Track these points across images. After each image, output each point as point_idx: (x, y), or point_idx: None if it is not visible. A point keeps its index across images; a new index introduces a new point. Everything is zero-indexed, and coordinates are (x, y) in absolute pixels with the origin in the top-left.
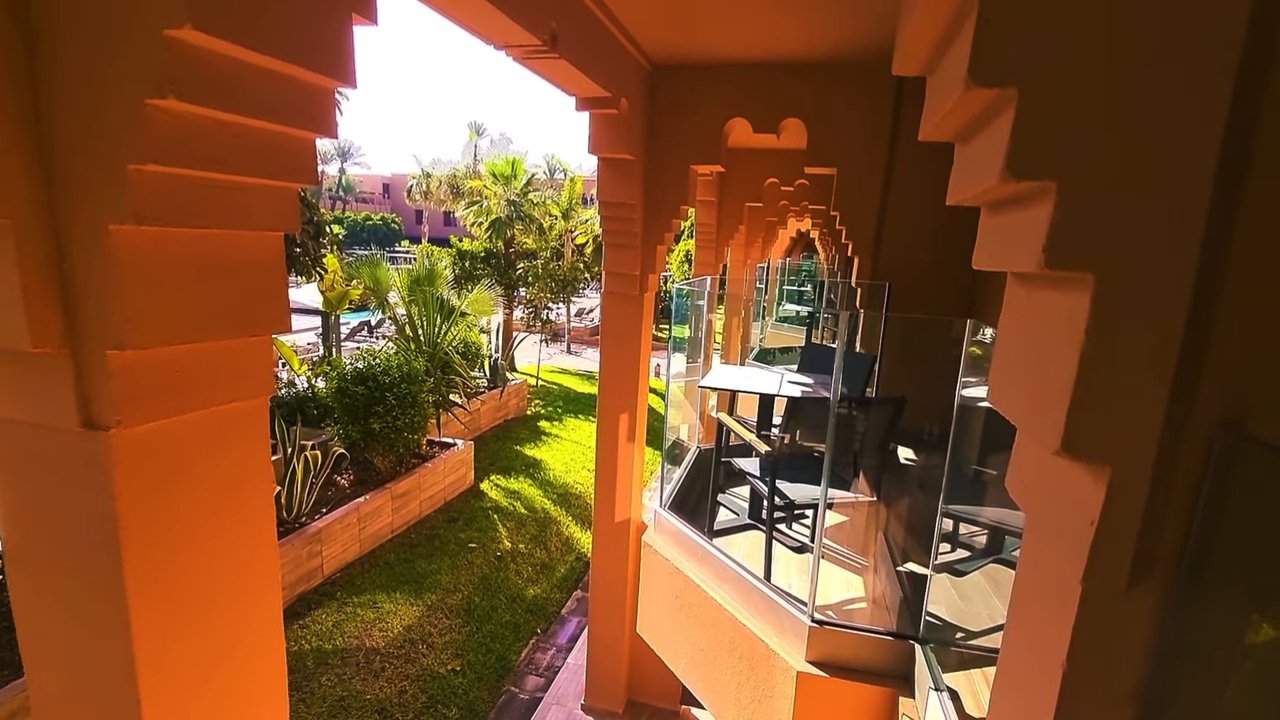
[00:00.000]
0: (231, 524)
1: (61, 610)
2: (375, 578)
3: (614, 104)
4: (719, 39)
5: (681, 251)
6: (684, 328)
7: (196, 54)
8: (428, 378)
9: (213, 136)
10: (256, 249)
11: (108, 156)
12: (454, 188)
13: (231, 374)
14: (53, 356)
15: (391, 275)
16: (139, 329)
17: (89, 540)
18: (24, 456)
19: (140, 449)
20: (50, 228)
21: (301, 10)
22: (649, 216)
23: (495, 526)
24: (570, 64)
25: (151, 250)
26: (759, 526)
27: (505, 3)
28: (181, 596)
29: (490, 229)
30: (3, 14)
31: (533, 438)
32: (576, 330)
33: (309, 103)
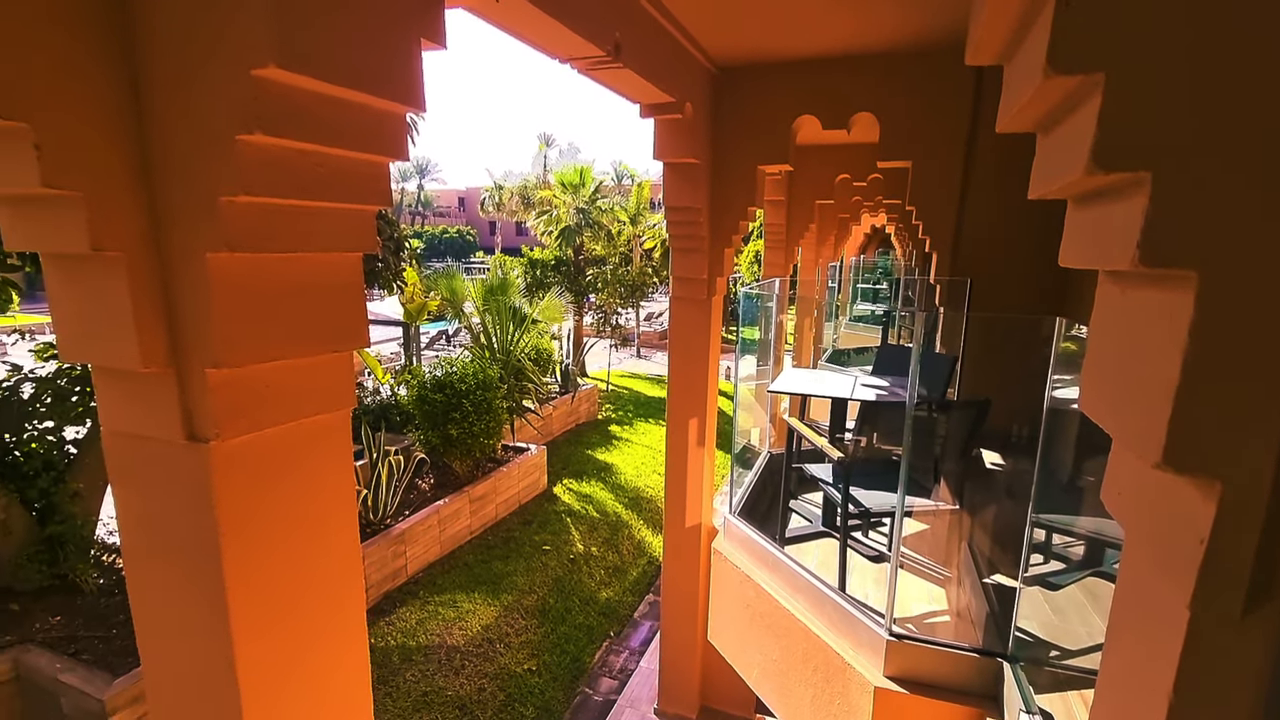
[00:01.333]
0: (318, 527)
1: (170, 605)
2: (455, 578)
3: (678, 109)
4: (784, 38)
5: (751, 252)
6: (753, 329)
7: (280, 90)
8: (502, 384)
9: (295, 166)
10: (337, 270)
11: (203, 190)
12: (525, 198)
13: (316, 388)
14: (159, 375)
15: (467, 286)
16: (234, 348)
17: (193, 542)
18: (136, 467)
19: (236, 459)
20: (156, 258)
21: (374, 42)
22: (716, 219)
23: (568, 529)
24: (634, 72)
25: (243, 275)
26: (833, 534)
27: (569, 16)
28: (274, 593)
29: (560, 237)
30: (115, 73)
31: (604, 442)
32: (646, 334)
33: (382, 129)
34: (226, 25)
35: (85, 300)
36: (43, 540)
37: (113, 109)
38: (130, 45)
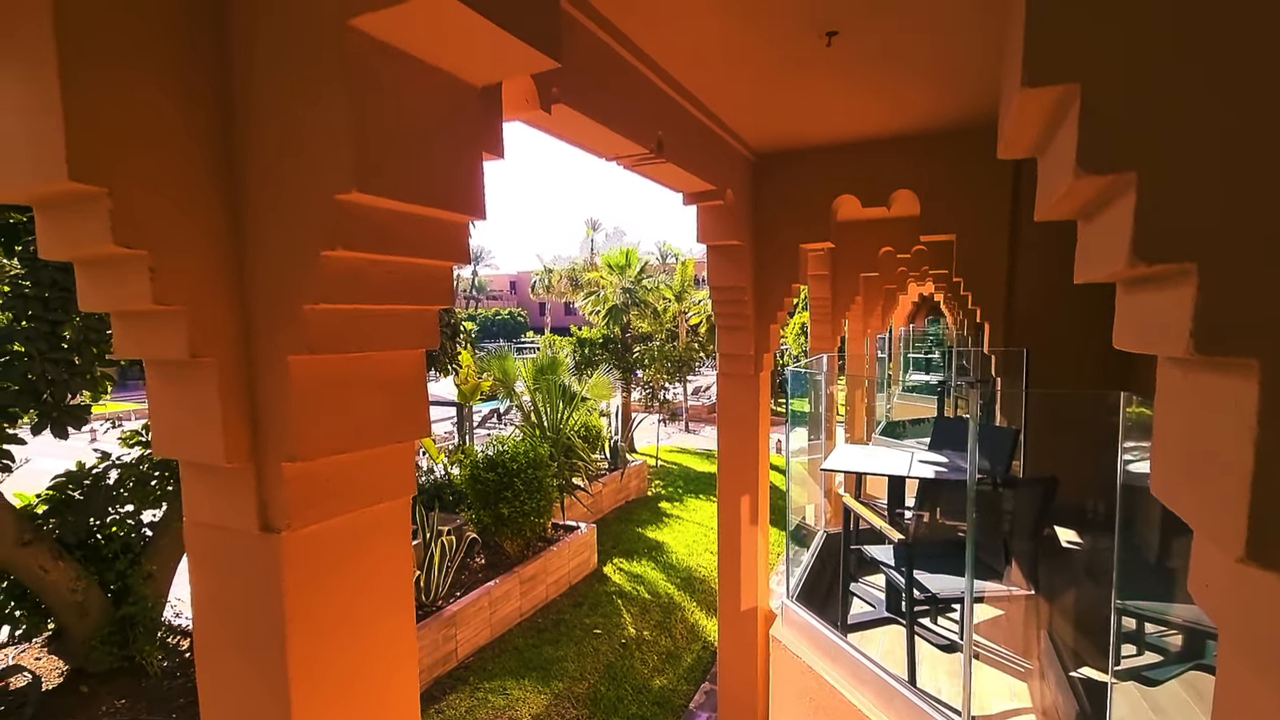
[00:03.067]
0: (378, 612)
1: (235, 689)
2: (505, 663)
3: (720, 195)
4: (819, 126)
5: (796, 324)
6: (803, 401)
7: (359, 211)
8: (552, 462)
9: (369, 274)
10: (402, 365)
11: (289, 299)
12: (573, 280)
13: (380, 478)
14: (240, 470)
15: (518, 366)
16: (308, 443)
17: (260, 630)
18: (213, 555)
19: (305, 548)
20: (244, 361)
21: (441, 161)
22: (760, 297)
23: (619, 612)
24: (677, 166)
25: (319, 374)
26: (898, 621)
27: (614, 121)
28: (333, 679)
29: (607, 316)
30: (221, 206)
31: (654, 519)
32: (694, 408)
33: (447, 237)
34: (315, 157)
35: (180, 401)
36: (115, 622)
37: (218, 236)
38: (235, 182)
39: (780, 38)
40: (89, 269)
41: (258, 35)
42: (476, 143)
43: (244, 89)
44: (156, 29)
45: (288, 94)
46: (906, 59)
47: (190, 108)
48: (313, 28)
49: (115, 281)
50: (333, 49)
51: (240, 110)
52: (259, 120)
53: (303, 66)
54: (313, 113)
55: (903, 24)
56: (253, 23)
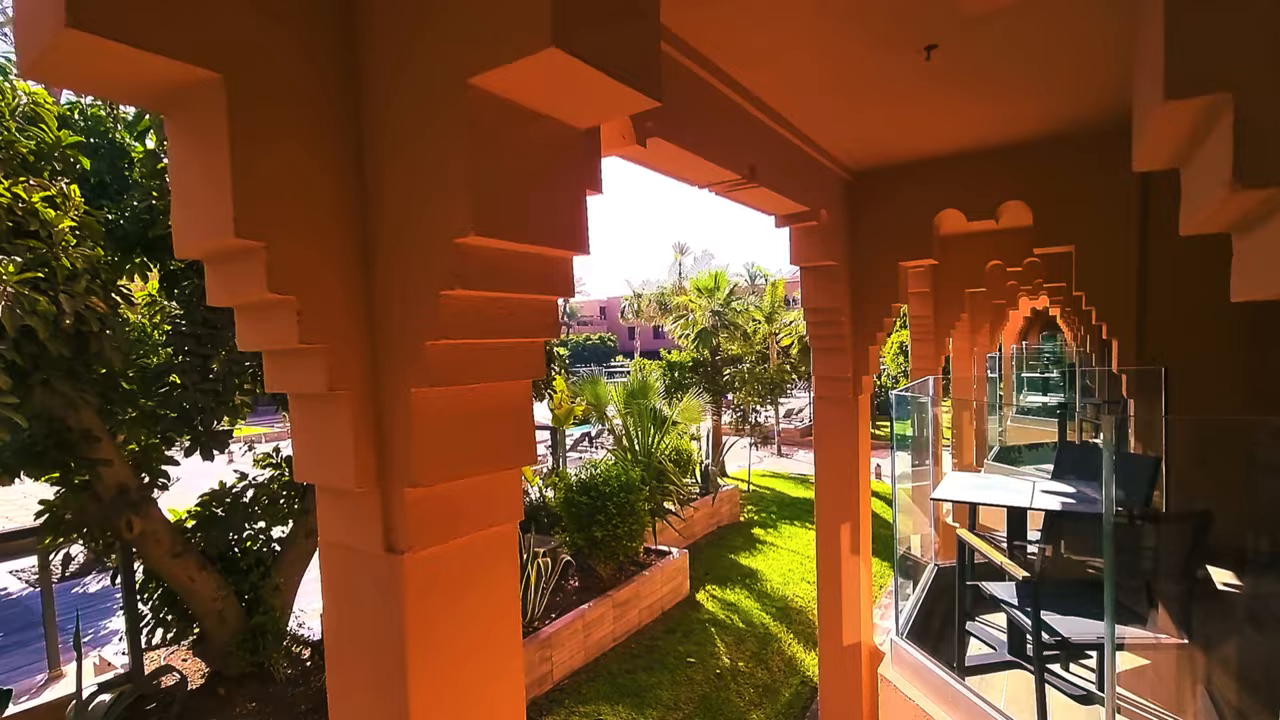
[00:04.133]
0: (490, 632)
1: (360, 698)
2: (599, 688)
3: (813, 216)
4: (919, 141)
5: (894, 344)
6: (905, 425)
7: (475, 252)
8: (643, 486)
9: (483, 310)
10: (511, 396)
11: (412, 336)
12: (662, 304)
13: (492, 503)
14: (367, 494)
15: (609, 391)
16: (427, 469)
17: (383, 644)
18: (343, 573)
19: (424, 569)
20: (373, 394)
21: (548, 201)
22: (857, 318)
23: (713, 641)
24: (769, 190)
25: (437, 405)
26: (1024, 666)
27: (708, 150)
28: (448, 694)
29: (697, 339)
30: (355, 253)
31: (747, 546)
32: (786, 432)
33: (553, 272)
34: (437, 205)
35: (318, 430)
36: (248, 630)
37: (352, 281)
38: (366, 232)
39: (875, 57)
40: (246, 313)
41: (387, 98)
42: (579, 181)
43: (375, 147)
44: (308, 98)
45: (412, 149)
46: (1013, 67)
47: (332, 167)
48: (435, 88)
49: (268, 324)
50: (453, 106)
51: (371, 166)
52: (387, 175)
53: (426, 123)
54: (434, 165)
55: (1008, 32)
56: (384, 87)
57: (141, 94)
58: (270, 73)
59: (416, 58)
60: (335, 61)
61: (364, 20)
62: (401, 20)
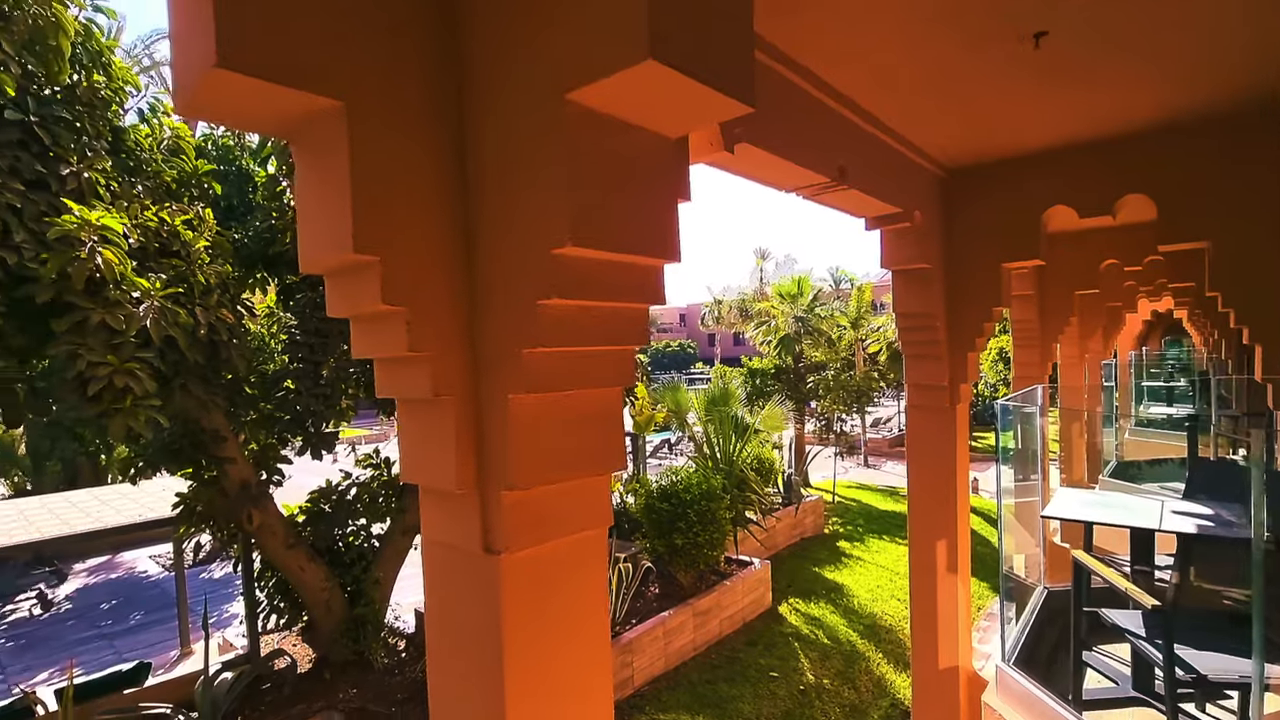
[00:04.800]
0: (580, 633)
1: (459, 691)
2: (679, 697)
3: (906, 218)
4: (1024, 134)
5: (994, 350)
6: (1009, 435)
7: (571, 262)
8: (724, 495)
9: (577, 319)
10: (602, 403)
11: (510, 344)
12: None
13: (583, 507)
14: (467, 496)
15: (690, 398)
16: (524, 473)
17: (481, 640)
18: (444, 571)
19: (519, 570)
20: (473, 399)
21: (642, 211)
22: (954, 324)
23: (797, 655)
24: (860, 191)
25: (532, 411)
26: (1151, 703)
27: (796, 154)
28: (542, 691)
29: (779, 346)
30: (460, 267)
31: (832, 559)
32: (874, 441)
33: (645, 281)
34: (535, 217)
35: (422, 434)
36: (350, 620)
37: (455, 292)
38: (468, 244)
39: (976, 48)
40: (361, 324)
41: (489, 116)
42: (670, 190)
43: (477, 163)
44: (417, 120)
45: (512, 164)
46: (1134, 51)
47: (438, 183)
48: (534, 105)
49: (380, 334)
50: (550, 121)
51: (474, 182)
52: (488, 190)
53: (525, 139)
54: (533, 179)
55: (1130, 11)
56: (485, 106)
57: (274, 124)
58: (385, 98)
59: (516, 77)
60: (441, 85)
61: (467, 45)
62: (501, 42)
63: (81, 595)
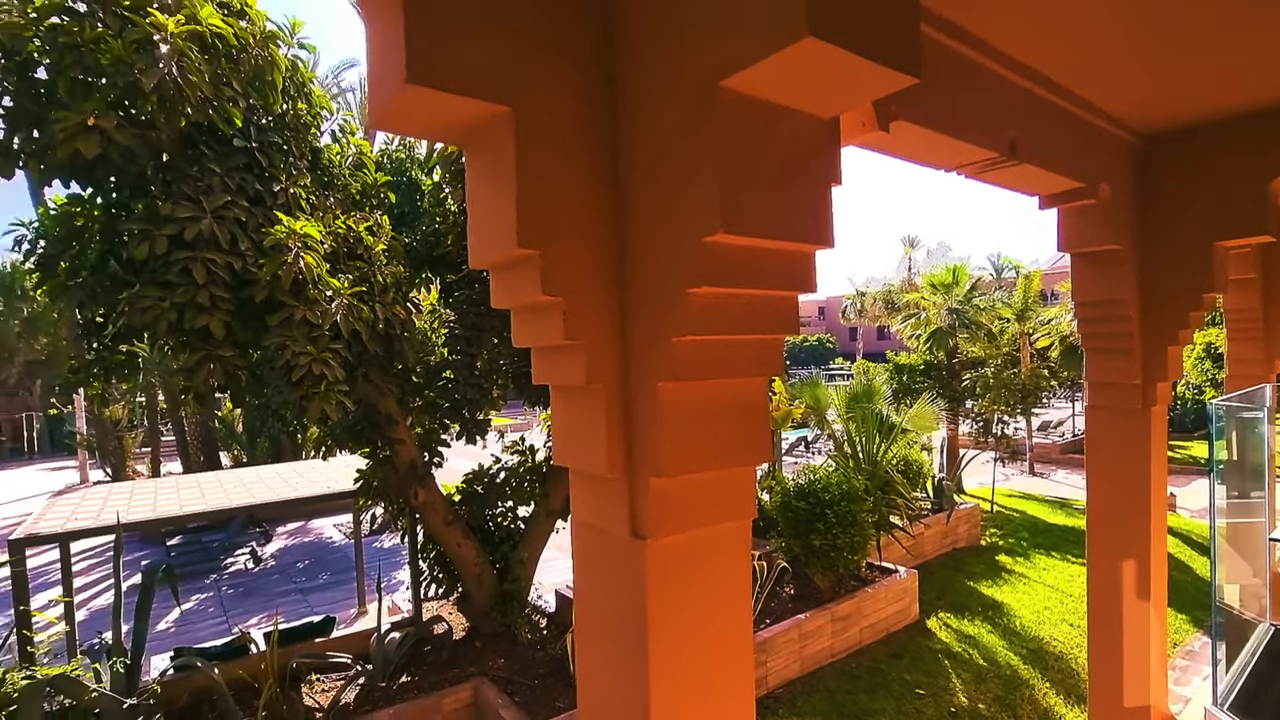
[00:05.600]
0: (722, 621)
1: (605, 666)
2: (816, 703)
3: (1089, 193)
4: (1248, 85)
5: (1200, 345)
6: (1221, 444)
7: (721, 250)
8: (867, 497)
9: (726, 307)
10: (748, 393)
11: (660, 333)
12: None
13: (727, 498)
14: (616, 480)
15: (829, 394)
16: (671, 461)
17: (627, 619)
18: (593, 552)
19: (664, 555)
20: (623, 387)
21: (794, 196)
22: (1149, 313)
23: (947, 674)
24: (1033, 166)
25: (681, 399)
26: None
27: (959, 129)
28: (684, 674)
29: (929, 340)
30: (612, 259)
31: (990, 573)
32: (1041, 447)
33: (796, 268)
34: (686, 206)
35: (575, 420)
36: (499, 595)
37: (606, 282)
38: (619, 235)
39: None
40: (521, 314)
41: (641, 110)
42: (822, 174)
43: (629, 156)
44: (575, 120)
45: (664, 156)
46: None
47: (593, 179)
48: (686, 96)
49: (538, 324)
50: (703, 111)
51: (626, 175)
52: (640, 182)
53: (677, 130)
54: (685, 168)
55: None
56: (638, 101)
57: (452, 131)
58: (546, 103)
59: (668, 72)
60: (597, 84)
61: (621, 42)
62: (653, 41)
63: (282, 554)
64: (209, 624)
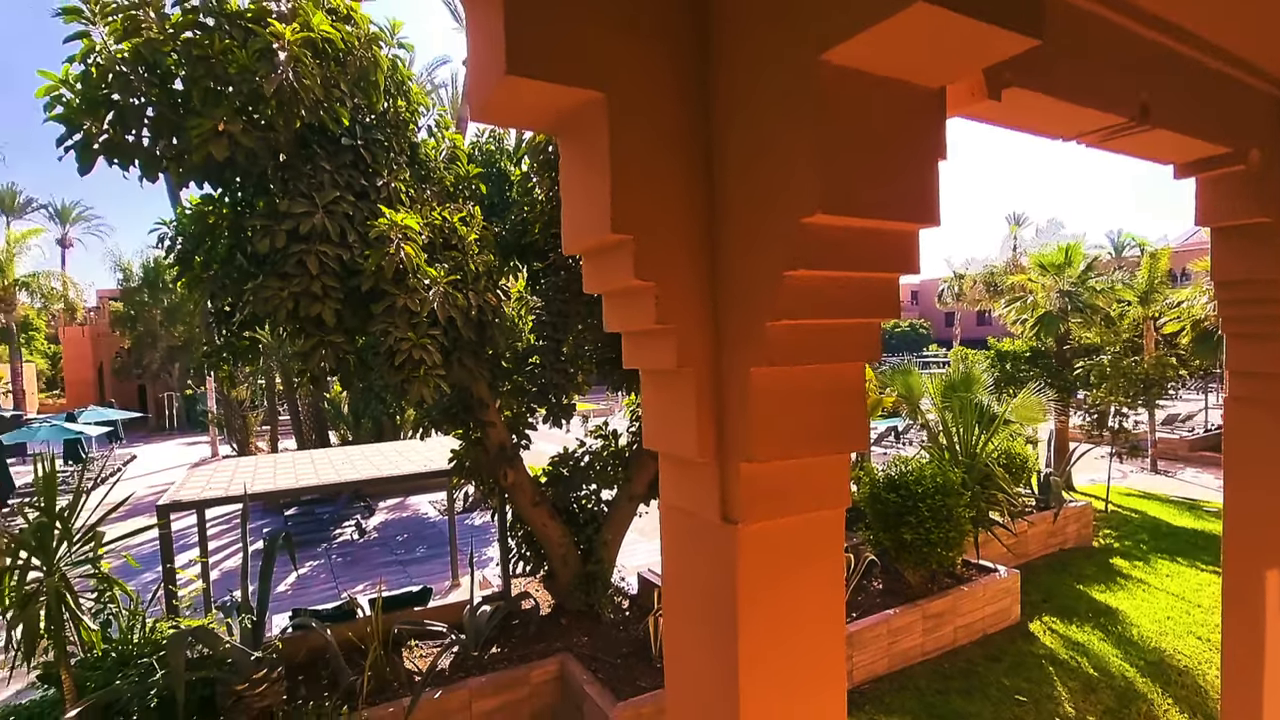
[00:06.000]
0: (813, 611)
1: (693, 650)
2: (905, 701)
3: (1236, 159)
4: None
5: None
6: None
7: (820, 231)
8: (964, 491)
9: (823, 291)
10: (844, 378)
11: (754, 317)
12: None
13: (820, 486)
14: (706, 465)
15: (923, 382)
16: (763, 446)
17: (716, 604)
18: (682, 535)
19: (755, 542)
20: (714, 372)
21: (897, 172)
22: None
23: (1051, 681)
24: (1168, 130)
25: (774, 385)
26: None
27: (1080, 94)
28: (773, 660)
29: (1036, 325)
30: (704, 243)
31: (1103, 577)
32: (1166, 442)
33: (898, 248)
34: (783, 187)
35: (665, 404)
36: (583, 575)
37: (698, 266)
38: (711, 217)
39: None
40: (613, 299)
41: (736, 90)
42: (928, 148)
43: (723, 138)
44: (667, 102)
45: (760, 135)
46: None
47: (686, 161)
48: (784, 72)
49: (630, 308)
50: (802, 87)
51: (720, 157)
52: (734, 164)
53: (773, 108)
54: (782, 148)
55: None
56: (732, 81)
57: (548, 120)
58: (639, 86)
59: (765, 47)
60: (689, 65)
61: (715, 21)
62: (750, 13)
63: (384, 528)
64: (321, 588)
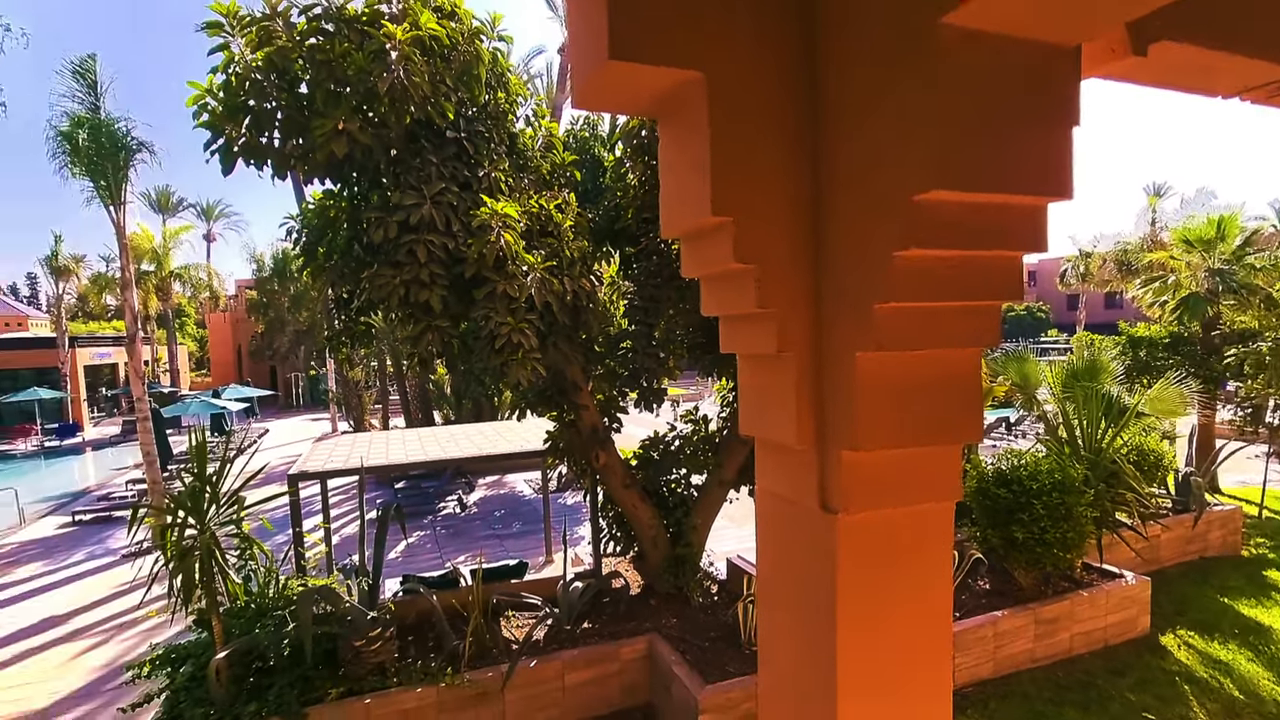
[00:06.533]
0: (917, 606)
1: (788, 635)
2: (1011, 710)
3: None
4: None
5: None
6: None
7: (934, 208)
8: (1087, 488)
9: (935, 271)
10: (958, 365)
11: (860, 300)
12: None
13: (928, 477)
14: (804, 452)
15: (1041, 370)
16: (867, 435)
17: (814, 594)
18: (778, 521)
19: (856, 532)
20: (815, 357)
21: (1023, 141)
22: None
23: (1185, 701)
24: None
25: (880, 371)
26: None
27: (1243, 43)
28: (873, 656)
29: (1179, 308)
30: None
31: (1251, 590)
32: None
33: (1025, 224)
34: (894, 163)
35: (763, 389)
36: (672, 558)
37: (800, 250)
38: (815, 199)
39: None
40: (712, 283)
41: (841, 65)
42: (1059, 114)
43: (828, 117)
44: (767, 82)
45: (868, 110)
46: None
47: (787, 142)
48: (897, 40)
49: (730, 291)
50: (918, 53)
51: (824, 137)
52: (839, 142)
53: (885, 80)
54: (893, 119)
55: None
56: (838, 56)
57: (646, 103)
58: (737, 64)
59: (874, 13)
60: (789, 40)
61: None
62: None
63: (483, 503)
64: (427, 557)
